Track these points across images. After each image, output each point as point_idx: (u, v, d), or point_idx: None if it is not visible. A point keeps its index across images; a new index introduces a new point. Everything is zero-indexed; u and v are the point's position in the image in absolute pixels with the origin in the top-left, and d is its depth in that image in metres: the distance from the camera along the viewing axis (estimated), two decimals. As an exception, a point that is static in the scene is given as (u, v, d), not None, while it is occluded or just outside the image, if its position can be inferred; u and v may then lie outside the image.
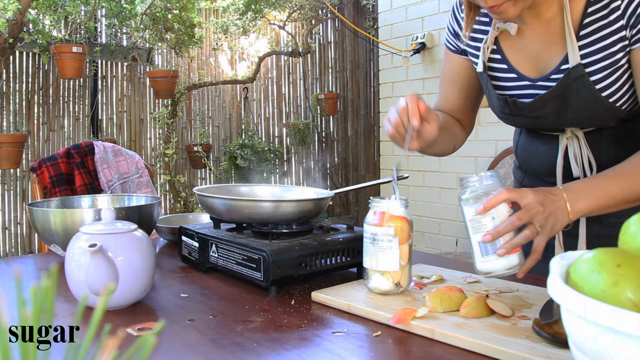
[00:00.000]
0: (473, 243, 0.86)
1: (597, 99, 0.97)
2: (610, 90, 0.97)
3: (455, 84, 1.20)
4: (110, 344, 0.29)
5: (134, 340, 0.74)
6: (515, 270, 0.86)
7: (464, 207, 0.88)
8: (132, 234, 0.88)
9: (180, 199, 3.79)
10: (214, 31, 3.99)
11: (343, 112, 4.62)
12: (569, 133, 1.06)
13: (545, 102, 1.01)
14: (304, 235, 1.06)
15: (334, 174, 4.55)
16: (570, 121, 1.02)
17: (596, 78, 0.96)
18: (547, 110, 1.02)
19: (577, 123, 1.03)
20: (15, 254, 3.37)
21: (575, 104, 0.99)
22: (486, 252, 0.85)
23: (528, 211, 0.84)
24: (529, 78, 1.04)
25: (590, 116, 1.00)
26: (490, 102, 1.13)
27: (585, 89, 0.97)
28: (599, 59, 0.96)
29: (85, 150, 2.22)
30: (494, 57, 1.08)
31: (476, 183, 0.88)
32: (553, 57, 1.01)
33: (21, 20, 2.85)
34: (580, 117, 1.01)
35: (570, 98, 0.99)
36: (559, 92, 0.99)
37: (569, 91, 0.98)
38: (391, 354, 0.70)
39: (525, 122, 1.09)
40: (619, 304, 0.46)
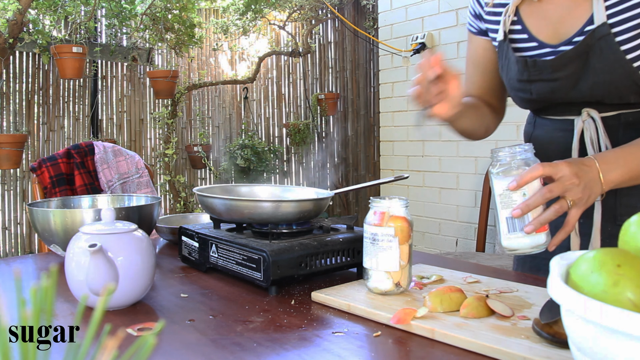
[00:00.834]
0: (501, 218, 0.84)
1: (620, 60, 0.94)
2: (636, 52, 0.93)
3: (479, 67, 1.19)
4: (110, 344, 0.29)
5: (134, 340, 0.74)
6: (542, 249, 0.83)
7: (494, 181, 0.85)
8: (132, 234, 0.88)
9: (180, 199, 3.79)
10: (214, 31, 3.99)
11: (343, 112, 4.62)
12: (585, 116, 1.02)
13: (567, 61, 0.98)
14: (304, 236, 1.06)
15: (333, 174, 4.55)
16: (589, 87, 0.98)
17: (622, 39, 0.93)
18: (568, 70, 0.98)
19: (597, 90, 0.98)
20: (15, 254, 3.37)
21: (598, 65, 0.95)
22: (513, 228, 0.82)
23: (562, 184, 0.82)
24: (550, 44, 1.02)
25: (611, 81, 0.96)
26: (508, 73, 1.09)
27: (609, 49, 0.94)
28: (627, 19, 0.93)
29: (85, 151, 2.22)
30: (514, 27, 1.06)
31: (508, 156, 0.85)
32: (577, 20, 0.99)
33: (21, 21, 2.85)
34: (601, 82, 0.97)
35: (592, 58, 0.95)
36: (582, 52, 0.96)
37: (592, 51, 0.95)
38: (391, 354, 0.70)
39: (542, 90, 1.04)
40: (619, 304, 0.46)
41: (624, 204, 1.03)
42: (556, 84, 1.02)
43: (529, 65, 1.03)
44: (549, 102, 1.07)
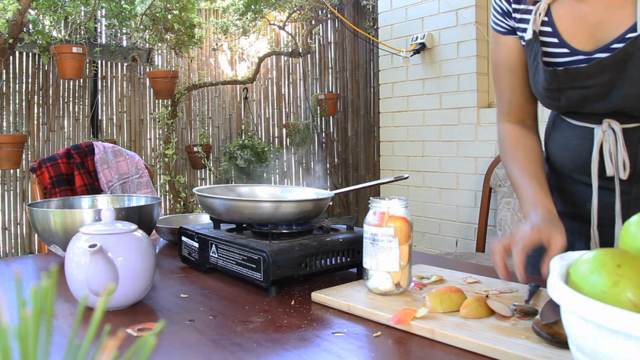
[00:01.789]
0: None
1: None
2: None
3: (516, 72, 1.09)
4: (110, 345, 0.29)
5: (134, 340, 0.74)
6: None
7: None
8: (132, 235, 0.88)
9: (180, 200, 3.79)
10: (214, 31, 3.99)
11: (343, 113, 4.62)
12: (605, 126, 0.98)
13: (602, 68, 0.92)
14: (304, 236, 1.06)
15: (334, 174, 4.55)
16: (621, 97, 0.93)
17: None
18: (603, 78, 0.92)
19: (627, 102, 0.93)
20: (15, 255, 3.37)
21: (635, 75, 0.89)
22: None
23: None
24: (584, 52, 0.95)
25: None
26: (535, 77, 1.03)
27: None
28: None
29: (85, 151, 2.22)
30: (544, 29, 0.99)
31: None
32: (617, 25, 0.91)
33: (21, 21, 2.85)
34: (634, 94, 0.92)
35: (630, 68, 0.89)
36: (620, 59, 0.90)
37: (632, 60, 0.89)
38: (391, 354, 0.70)
39: (572, 98, 0.99)
40: (619, 305, 0.46)
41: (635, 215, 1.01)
42: (588, 92, 0.96)
43: (558, 75, 0.97)
44: (578, 109, 1.02)
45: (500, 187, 2.92)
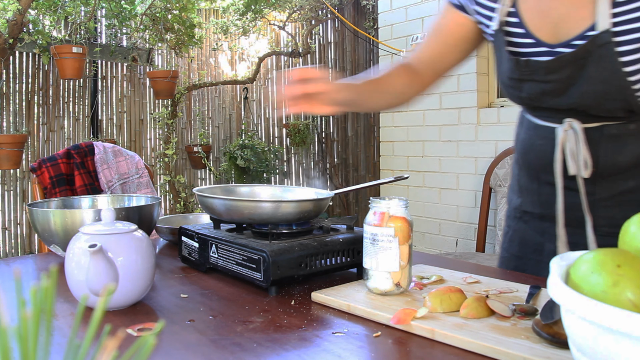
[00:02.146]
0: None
1: (617, 72, 0.90)
2: (634, 67, 0.90)
3: (441, 37, 1.17)
4: (110, 345, 0.29)
5: (134, 340, 0.74)
6: None
7: None
8: (132, 235, 0.88)
9: (180, 200, 3.79)
10: (214, 31, 3.99)
11: (343, 113, 4.62)
12: (567, 126, 1.00)
13: (562, 65, 0.94)
14: (304, 236, 1.06)
15: (333, 174, 4.55)
16: (580, 94, 0.95)
17: (623, 49, 0.89)
18: (563, 74, 0.95)
19: (586, 99, 0.96)
20: (15, 255, 3.37)
21: (593, 73, 0.92)
22: None
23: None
24: (548, 44, 0.98)
25: (603, 92, 0.93)
26: (500, 66, 1.06)
27: (608, 58, 0.90)
28: (633, 29, 0.88)
29: (85, 151, 2.22)
30: (510, 20, 1.02)
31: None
32: (579, 22, 0.94)
33: (21, 21, 2.85)
34: (592, 92, 0.94)
35: (589, 65, 0.92)
36: (580, 57, 0.92)
37: (591, 58, 0.91)
38: (391, 354, 0.70)
39: (532, 90, 1.01)
40: (619, 305, 0.46)
41: (602, 215, 1.03)
42: (547, 86, 0.99)
43: (521, 65, 0.99)
44: (538, 103, 1.05)
45: (500, 187, 2.92)
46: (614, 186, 1.02)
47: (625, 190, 1.02)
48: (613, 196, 1.02)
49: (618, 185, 1.02)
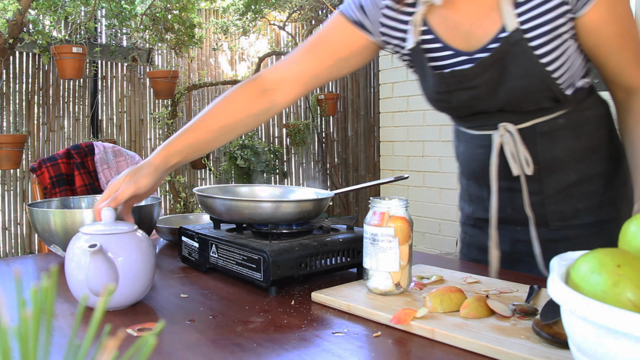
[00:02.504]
0: None
1: (535, 64, 0.96)
2: (550, 57, 0.96)
3: (329, 49, 1.11)
4: (110, 345, 0.29)
5: (134, 340, 0.74)
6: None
7: None
8: (132, 234, 0.88)
9: (180, 200, 3.79)
10: (214, 31, 3.99)
11: (343, 113, 4.62)
12: (502, 130, 1.04)
13: (484, 68, 0.99)
14: (304, 236, 1.06)
15: (334, 174, 4.55)
16: (506, 91, 1.00)
17: (536, 43, 0.95)
18: (487, 77, 0.99)
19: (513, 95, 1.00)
20: (15, 255, 3.37)
21: (514, 70, 0.97)
22: None
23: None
24: (466, 52, 1.01)
25: (527, 86, 0.98)
26: (424, 83, 1.08)
27: (524, 53, 0.95)
28: (539, 25, 0.95)
29: (85, 151, 2.22)
30: (426, 37, 1.04)
31: None
32: (489, 28, 0.99)
33: (21, 21, 2.85)
34: (518, 87, 0.99)
35: (509, 64, 0.97)
36: (498, 58, 0.97)
37: (508, 57, 0.97)
38: (391, 354, 0.70)
39: (462, 98, 1.04)
40: (619, 305, 0.46)
41: (552, 210, 1.08)
42: (476, 91, 1.02)
43: (446, 78, 1.02)
44: (470, 109, 1.07)
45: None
46: (558, 181, 1.07)
47: (569, 184, 1.07)
48: (559, 191, 1.07)
49: (562, 180, 1.07)
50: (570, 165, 1.07)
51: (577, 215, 1.08)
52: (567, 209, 1.08)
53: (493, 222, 1.08)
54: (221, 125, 1.08)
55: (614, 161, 1.10)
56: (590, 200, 1.08)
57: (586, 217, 1.08)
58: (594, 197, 1.08)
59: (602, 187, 1.08)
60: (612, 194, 1.08)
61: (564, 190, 1.07)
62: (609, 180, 1.09)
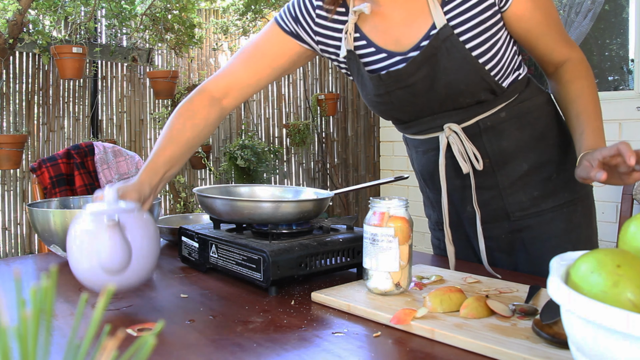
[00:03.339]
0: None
1: (466, 57, 1.00)
2: (480, 49, 1.01)
3: (266, 59, 1.16)
4: (110, 344, 0.29)
5: (133, 340, 0.74)
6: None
7: None
8: (138, 213, 0.87)
9: (180, 200, 3.79)
10: (214, 31, 3.99)
11: (343, 113, 4.62)
12: (448, 131, 1.08)
13: (418, 65, 1.02)
14: (303, 236, 1.06)
15: (334, 174, 4.55)
16: (444, 86, 1.03)
17: (465, 38, 1.00)
18: (422, 73, 1.03)
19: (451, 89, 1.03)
20: (15, 255, 3.38)
21: (447, 64, 1.01)
22: None
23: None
24: (399, 52, 1.06)
25: (463, 79, 1.02)
26: (363, 88, 1.11)
27: (455, 48, 1.00)
28: (466, 20, 1.00)
29: (85, 151, 2.22)
30: (359, 43, 1.09)
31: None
32: (420, 28, 1.03)
33: (21, 21, 2.85)
34: (454, 80, 1.02)
35: (441, 59, 1.01)
36: (430, 54, 1.01)
37: (440, 52, 1.01)
38: (391, 354, 0.70)
39: (402, 97, 1.07)
40: (619, 305, 0.46)
41: (511, 201, 1.12)
42: (414, 89, 1.05)
43: (383, 79, 1.05)
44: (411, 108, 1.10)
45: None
46: (511, 173, 1.11)
47: (522, 174, 1.11)
48: (514, 182, 1.11)
49: (515, 171, 1.10)
50: (520, 155, 1.10)
51: (535, 203, 1.11)
52: (525, 198, 1.11)
53: (446, 220, 1.12)
54: (187, 139, 1.11)
55: (562, 146, 1.13)
56: (545, 186, 1.11)
57: (544, 203, 1.11)
58: (548, 183, 1.11)
59: (555, 172, 1.12)
60: (565, 178, 1.12)
61: (518, 180, 1.11)
62: (560, 165, 1.12)
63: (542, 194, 1.11)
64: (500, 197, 1.12)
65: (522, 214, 1.12)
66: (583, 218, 1.15)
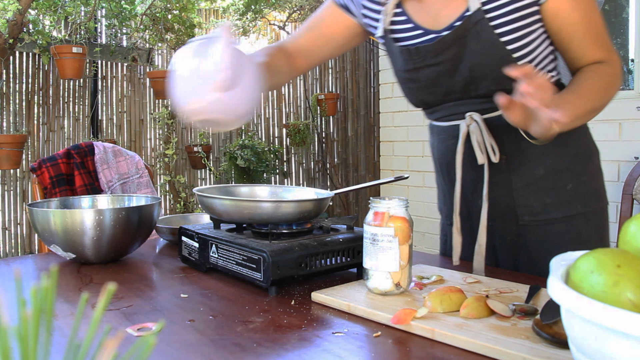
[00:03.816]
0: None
1: (495, 42, 1.01)
2: (510, 36, 1.01)
3: (318, 30, 1.25)
4: (110, 344, 0.29)
5: (133, 340, 0.74)
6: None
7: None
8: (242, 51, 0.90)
9: (180, 200, 3.79)
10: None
11: (343, 113, 4.62)
12: (469, 120, 1.08)
13: (447, 44, 1.04)
14: (304, 236, 1.06)
15: (334, 174, 4.55)
16: (469, 69, 1.04)
17: (496, 23, 1.01)
18: (449, 53, 1.05)
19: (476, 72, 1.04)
20: (15, 255, 3.38)
21: (475, 47, 1.02)
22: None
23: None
24: (434, 30, 1.08)
25: (488, 63, 1.03)
26: (395, 64, 1.15)
27: (485, 32, 1.01)
28: (501, 5, 1.01)
29: (85, 151, 2.22)
30: (399, 19, 1.13)
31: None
32: (455, 9, 1.06)
33: (21, 21, 2.85)
34: (478, 64, 1.03)
35: (470, 41, 1.03)
36: (460, 35, 1.03)
37: (470, 35, 1.02)
38: (391, 354, 0.70)
39: (428, 76, 1.10)
40: (619, 305, 0.46)
41: (522, 204, 1.11)
42: (440, 68, 1.07)
43: (412, 54, 1.08)
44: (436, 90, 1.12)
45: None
46: (526, 175, 1.09)
47: (537, 178, 1.09)
48: (527, 184, 1.10)
49: (530, 174, 1.09)
50: (538, 158, 1.09)
51: (545, 210, 1.10)
52: (536, 203, 1.10)
53: (456, 208, 1.11)
54: (274, 71, 1.15)
55: (583, 157, 1.12)
56: (559, 195, 1.09)
57: (555, 211, 1.10)
58: (562, 192, 1.09)
59: (571, 182, 1.10)
60: (581, 190, 1.10)
61: (532, 183, 1.09)
62: (578, 176, 1.10)
63: (555, 201, 1.09)
64: (512, 198, 1.11)
65: (531, 218, 1.11)
66: (594, 233, 1.12)
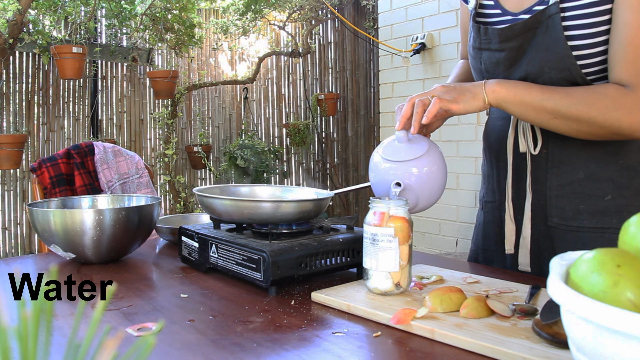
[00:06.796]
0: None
1: (559, 40, 0.98)
2: (573, 32, 0.97)
3: (463, 29, 1.30)
4: (110, 344, 0.29)
5: (133, 340, 0.74)
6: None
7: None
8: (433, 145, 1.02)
9: (180, 200, 3.79)
10: (214, 31, 3.99)
11: (343, 113, 4.62)
12: None
13: (514, 33, 1.03)
14: (303, 236, 1.06)
15: (334, 174, 4.55)
16: (527, 62, 1.03)
17: (568, 23, 0.97)
18: (515, 43, 1.04)
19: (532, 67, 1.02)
20: (15, 255, 3.38)
21: (540, 41, 1.01)
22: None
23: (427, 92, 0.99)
24: (512, 12, 1.08)
25: (545, 59, 1.00)
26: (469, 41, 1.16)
27: (554, 28, 0.98)
28: (576, 7, 0.97)
29: (85, 151, 2.22)
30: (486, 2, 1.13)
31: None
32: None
33: (21, 21, 2.85)
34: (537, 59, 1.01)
35: (538, 35, 1.01)
36: (531, 26, 1.01)
37: (540, 27, 1.00)
38: (391, 354, 0.70)
39: (489, 60, 1.09)
40: (619, 305, 0.46)
41: (554, 205, 1.08)
42: (501, 55, 1.06)
43: (481, 33, 1.09)
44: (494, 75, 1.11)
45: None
46: (564, 175, 1.06)
47: (574, 181, 1.05)
48: (563, 186, 1.06)
49: (569, 175, 1.06)
50: (580, 161, 1.04)
51: (577, 216, 1.05)
52: (568, 207, 1.06)
53: (509, 195, 1.11)
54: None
55: (630, 171, 1.03)
56: (594, 204, 1.03)
57: (587, 220, 1.04)
58: (598, 201, 1.03)
59: (611, 194, 1.03)
60: (619, 204, 1.03)
61: (568, 186, 1.05)
62: (619, 189, 1.03)
63: (589, 210, 1.04)
64: (544, 196, 1.08)
65: (561, 223, 1.07)
66: None
